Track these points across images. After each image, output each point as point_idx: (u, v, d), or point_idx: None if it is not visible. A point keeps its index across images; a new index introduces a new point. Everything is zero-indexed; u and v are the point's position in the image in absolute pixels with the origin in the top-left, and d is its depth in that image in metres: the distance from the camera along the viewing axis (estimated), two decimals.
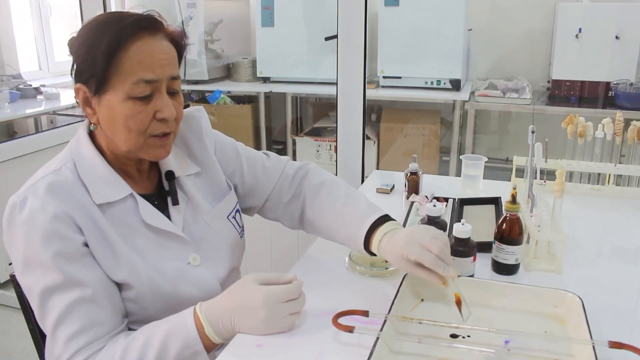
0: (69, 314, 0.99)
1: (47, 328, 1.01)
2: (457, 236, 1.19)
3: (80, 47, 1.02)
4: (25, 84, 3.74)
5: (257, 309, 0.99)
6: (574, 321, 1.03)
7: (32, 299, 1.02)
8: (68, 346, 0.99)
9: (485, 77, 3.83)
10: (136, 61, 1.00)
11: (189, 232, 1.17)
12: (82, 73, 1.03)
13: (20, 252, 1.01)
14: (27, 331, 2.51)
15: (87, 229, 1.03)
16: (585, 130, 1.70)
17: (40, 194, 1.01)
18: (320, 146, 3.88)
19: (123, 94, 1.01)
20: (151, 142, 1.07)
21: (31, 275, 1.01)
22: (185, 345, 0.99)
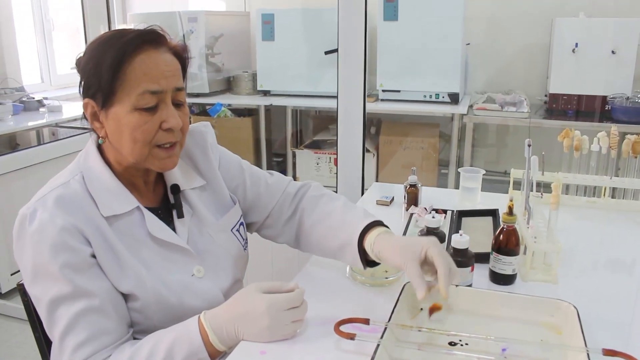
0: (76, 324, 1.02)
1: (55, 337, 1.04)
2: (455, 247, 1.21)
3: (86, 63, 1.06)
4: (28, 97, 3.78)
5: (261, 317, 1.02)
6: (570, 330, 1.05)
7: (40, 308, 1.05)
8: (75, 355, 1.01)
9: (483, 90, 3.87)
10: (141, 73, 1.03)
11: (193, 245, 1.20)
12: (90, 88, 1.06)
13: (30, 262, 1.03)
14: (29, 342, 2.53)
15: (94, 241, 1.05)
16: (581, 144, 1.73)
17: (49, 207, 1.03)
18: (320, 159, 3.91)
19: (129, 105, 1.04)
20: (157, 153, 1.09)
21: (40, 285, 1.03)
22: (190, 353, 1.01)
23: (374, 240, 1.15)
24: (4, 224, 2.88)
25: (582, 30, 3.35)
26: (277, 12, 3.94)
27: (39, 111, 3.73)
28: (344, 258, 1.24)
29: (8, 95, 3.68)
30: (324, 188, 1.39)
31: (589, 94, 3.40)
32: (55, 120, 3.68)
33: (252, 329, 1.02)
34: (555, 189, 1.32)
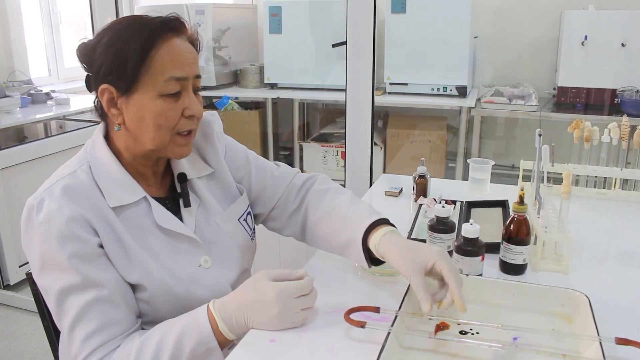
0: (85, 314, 1.01)
1: (64, 328, 1.03)
2: (465, 236, 1.21)
3: (107, 49, 1.04)
4: (35, 90, 3.78)
5: (270, 305, 1.01)
6: (581, 319, 1.04)
7: (49, 299, 1.05)
8: (84, 346, 1.01)
9: (491, 84, 3.85)
10: (167, 60, 1.04)
11: (200, 234, 1.19)
12: (110, 74, 1.04)
13: (37, 253, 1.03)
14: (37, 333, 2.55)
15: (101, 231, 1.05)
16: (592, 135, 1.71)
17: (57, 196, 1.03)
18: (327, 152, 3.90)
19: (154, 92, 1.04)
20: (177, 140, 1.10)
21: (48, 276, 1.03)
22: (200, 342, 1.01)
23: (379, 241, 1.13)
24: (12, 216, 2.89)
25: (591, 22, 3.32)
26: (285, 5, 3.92)
27: (46, 104, 3.74)
28: (349, 256, 1.22)
29: (16, 88, 3.69)
30: (330, 181, 1.38)
31: (598, 87, 3.38)
32: (63, 113, 3.69)
33: (261, 317, 1.02)
34: (566, 178, 1.31)
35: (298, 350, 1.00)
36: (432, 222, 1.34)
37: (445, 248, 1.33)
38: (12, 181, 2.89)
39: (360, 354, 0.99)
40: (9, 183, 2.87)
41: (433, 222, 1.34)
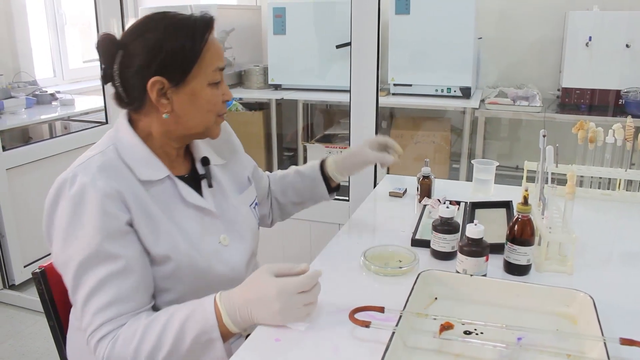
0: (101, 287, 1.05)
1: (79, 300, 1.06)
2: (470, 236, 1.21)
3: (157, 45, 1.11)
4: (40, 90, 3.80)
5: (272, 301, 1.03)
6: (585, 320, 1.04)
7: (67, 272, 1.07)
8: (95, 317, 1.04)
9: (495, 85, 3.85)
10: (214, 53, 1.15)
11: (220, 213, 1.27)
12: (164, 67, 1.11)
13: (64, 224, 1.06)
14: (42, 333, 2.56)
15: (133, 205, 1.10)
16: (596, 136, 1.71)
17: (91, 171, 1.08)
18: (331, 153, 3.89)
19: (205, 81, 1.15)
20: (218, 121, 1.22)
21: (71, 248, 1.06)
22: (203, 330, 1.03)
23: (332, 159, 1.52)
24: (17, 216, 2.91)
25: (595, 23, 3.31)
26: (289, 6, 3.93)
27: (51, 105, 3.76)
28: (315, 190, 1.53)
29: (21, 89, 3.71)
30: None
31: (603, 88, 3.37)
32: (68, 114, 3.71)
33: (264, 314, 1.04)
34: (570, 178, 1.31)
35: (303, 350, 1.01)
36: (437, 222, 1.35)
37: (450, 249, 1.33)
38: (17, 181, 2.90)
39: (364, 353, 0.99)
40: (15, 183, 2.88)
41: (437, 222, 1.34)
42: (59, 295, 1.34)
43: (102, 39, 1.13)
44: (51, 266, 1.34)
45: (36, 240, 3.05)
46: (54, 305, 1.33)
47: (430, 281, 1.17)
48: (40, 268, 1.32)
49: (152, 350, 1.03)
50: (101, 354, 1.04)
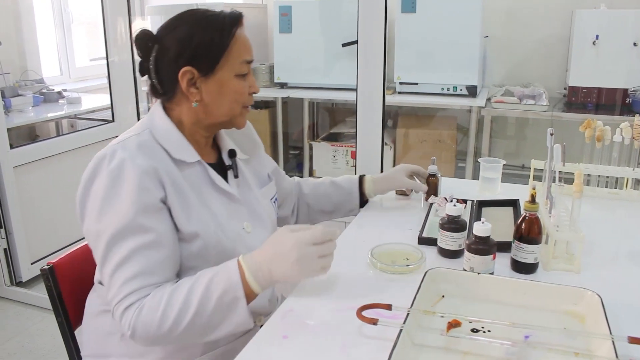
0: (130, 258, 1.08)
1: (107, 272, 1.09)
2: (477, 234, 1.21)
3: (188, 37, 1.18)
4: (47, 89, 3.81)
5: (289, 252, 1.09)
6: (593, 318, 1.04)
7: (99, 243, 1.10)
8: (122, 288, 1.07)
9: (502, 83, 3.84)
10: (242, 46, 1.21)
11: (244, 202, 1.33)
12: (193, 59, 1.18)
13: (100, 197, 1.10)
14: (49, 330, 2.57)
15: (167, 183, 1.15)
16: (603, 134, 1.71)
17: (130, 149, 1.14)
18: (336, 151, 3.90)
19: (232, 72, 1.21)
20: (243, 112, 1.27)
21: (105, 219, 1.10)
22: (227, 289, 1.07)
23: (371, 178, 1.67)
24: (25, 214, 2.92)
25: (602, 22, 3.30)
26: (295, 4, 3.93)
27: (58, 103, 3.77)
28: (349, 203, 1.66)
29: (28, 87, 3.72)
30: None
31: (610, 86, 3.36)
32: (74, 112, 3.72)
33: (283, 267, 1.09)
34: (577, 177, 1.31)
35: (310, 347, 1.01)
36: (444, 220, 1.35)
37: (457, 247, 1.33)
38: (24, 179, 2.91)
39: (372, 350, 0.99)
40: (22, 181, 2.89)
41: (444, 220, 1.34)
42: (67, 291, 1.35)
43: (139, 35, 1.20)
44: (59, 262, 1.35)
45: (43, 238, 3.06)
46: (62, 301, 1.34)
47: (438, 279, 1.17)
48: (48, 264, 1.33)
49: (179, 312, 1.06)
50: (127, 322, 1.06)
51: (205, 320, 1.07)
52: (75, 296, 1.37)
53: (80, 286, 1.38)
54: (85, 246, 1.44)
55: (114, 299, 1.08)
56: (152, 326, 1.05)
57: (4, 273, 2.90)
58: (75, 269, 1.39)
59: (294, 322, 1.09)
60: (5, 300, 2.90)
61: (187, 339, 1.09)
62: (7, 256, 2.90)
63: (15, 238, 2.88)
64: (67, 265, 1.37)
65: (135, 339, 1.07)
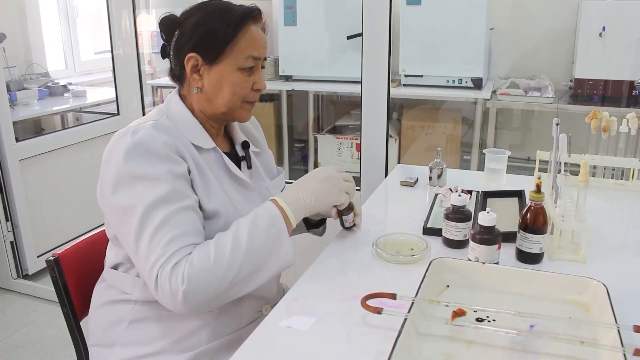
0: (170, 221, 1.08)
1: (145, 238, 1.07)
2: (482, 224, 1.21)
3: (199, 25, 1.21)
4: (53, 82, 3.82)
5: (319, 173, 1.22)
6: (599, 308, 1.04)
7: (130, 218, 1.09)
8: (166, 248, 1.05)
9: (507, 76, 3.82)
10: (249, 41, 1.22)
11: (258, 191, 1.36)
12: (199, 45, 1.20)
13: (126, 171, 1.10)
14: (56, 322, 2.59)
15: (189, 159, 1.18)
16: (609, 125, 1.70)
17: (149, 128, 1.15)
18: (341, 144, 3.90)
19: (235, 65, 1.22)
20: (244, 106, 1.28)
21: (138, 191, 1.09)
22: (271, 222, 1.12)
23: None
24: (30, 207, 2.93)
25: (609, 13, 3.27)
26: None
27: (63, 96, 3.78)
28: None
29: (34, 81, 3.74)
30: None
31: (616, 79, 3.33)
32: (80, 105, 3.73)
33: (312, 186, 1.19)
34: (583, 166, 1.30)
35: (315, 336, 1.01)
36: (449, 210, 1.34)
37: (462, 237, 1.33)
38: (30, 172, 2.92)
39: (376, 340, 0.99)
40: (27, 174, 2.90)
41: (449, 210, 1.34)
42: (73, 282, 1.36)
43: (164, 19, 1.24)
44: (65, 254, 1.36)
45: (49, 230, 3.08)
46: (68, 292, 1.35)
47: (442, 269, 1.17)
48: (54, 256, 1.33)
49: (231, 253, 1.07)
50: (180, 277, 1.03)
51: (255, 259, 1.09)
52: (81, 287, 1.38)
53: (85, 277, 1.39)
54: (91, 238, 1.45)
55: (157, 262, 1.04)
56: (207, 273, 1.04)
57: (11, 266, 2.92)
58: (80, 261, 1.40)
59: (298, 312, 1.09)
60: (12, 292, 2.92)
61: (240, 284, 1.08)
62: (14, 249, 2.92)
63: (21, 231, 2.89)
64: (72, 256, 1.38)
65: (191, 294, 1.03)
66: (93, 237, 1.46)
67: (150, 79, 4.46)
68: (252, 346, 1.00)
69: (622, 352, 0.87)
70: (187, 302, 1.03)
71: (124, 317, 1.23)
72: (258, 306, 1.31)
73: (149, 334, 1.21)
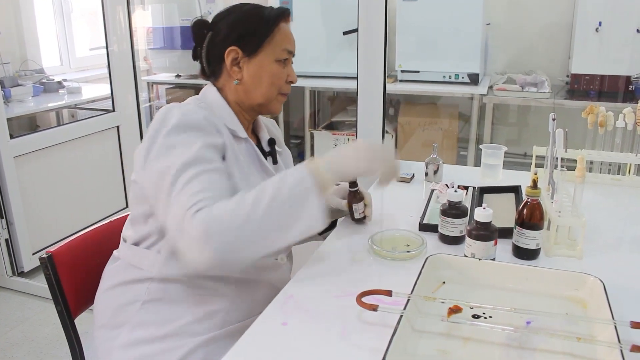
0: (198, 178, 1.10)
1: (175, 190, 1.09)
2: (478, 220, 1.20)
3: (237, 22, 1.31)
4: (47, 79, 3.80)
5: (361, 142, 1.21)
6: (596, 304, 1.03)
7: (163, 180, 1.11)
8: (192, 198, 1.07)
9: (504, 71, 3.82)
10: (284, 36, 1.33)
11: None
12: (239, 40, 1.29)
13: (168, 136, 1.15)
14: (51, 319, 2.57)
15: (226, 137, 1.24)
16: (606, 120, 1.69)
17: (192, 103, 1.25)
18: (338, 140, 3.89)
19: (273, 57, 1.31)
20: (279, 98, 1.36)
21: (174, 154, 1.13)
22: (299, 180, 1.11)
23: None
24: (25, 204, 2.92)
25: (606, 8, 3.27)
26: None
27: (58, 93, 3.76)
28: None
29: (28, 77, 3.71)
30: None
31: (612, 74, 3.33)
32: (75, 102, 3.71)
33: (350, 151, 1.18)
34: (580, 161, 1.29)
35: (310, 334, 1.01)
36: (445, 206, 1.34)
37: (458, 233, 1.33)
38: (25, 169, 2.91)
39: (372, 337, 0.99)
40: (22, 171, 2.89)
41: (445, 206, 1.33)
42: (67, 280, 1.35)
43: (196, 23, 1.34)
44: (59, 251, 1.35)
45: (44, 228, 3.06)
46: (62, 290, 1.34)
47: (439, 265, 1.16)
48: (47, 253, 1.32)
49: (254, 202, 1.07)
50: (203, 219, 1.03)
51: (279, 213, 1.07)
52: (75, 285, 1.37)
53: (80, 275, 1.38)
54: (85, 235, 1.44)
55: (184, 207, 1.05)
56: (226, 216, 1.04)
57: (6, 263, 2.91)
58: (75, 258, 1.39)
59: (293, 309, 1.08)
60: (7, 290, 2.91)
61: (261, 237, 1.07)
62: (9, 246, 2.90)
63: (16, 228, 2.87)
64: (66, 254, 1.37)
65: (212, 237, 1.02)
66: (87, 234, 1.45)
67: (146, 75, 4.44)
68: (248, 343, 0.99)
69: (619, 348, 0.86)
70: (207, 245, 1.02)
71: (138, 297, 1.23)
72: (271, 295, 1.31)
73: (162, 316, 1.22)
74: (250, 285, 1.28)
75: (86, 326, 1.41)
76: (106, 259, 1.35)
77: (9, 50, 3.76)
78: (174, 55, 4.18)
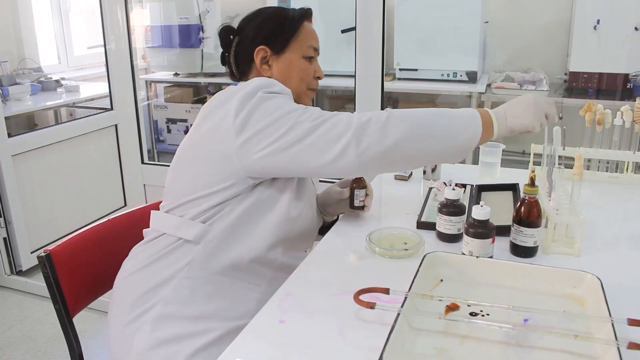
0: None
1: (325, 115, 1.20)
2: (476, 218, 1.20)
3: (264, 23, 1.37)
4: (45, 77, 3.80)
5: (528, 98, 1.26)
6: (593, 301, 1.03)
7: (289, 118, 1.19)
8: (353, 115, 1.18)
9: (502, 69, 3.82)
10: (309, 33, 1.40)
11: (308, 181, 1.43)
12: (269, 38, 1.36)
13: (262, 94, 1.23)
14: (49, 318, 2.57)
15: None
16: (604, 118, 1.69)
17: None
18: None
19: (300, 53, 1.37)
20: (307, 93, 1.42)
21: (281, 101, 1.23)
22: (468, 112, 1.21)
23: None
24: (24, 203, 2.92)
25: (604, 6, 3.27)
26: None
27: (56, 91, 3.76)
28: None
29: (26, 76, 3.71)
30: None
31: (611, 72, 3.33)
32: (73, 100, 3.71)
33: (519, 105, 1.25)
34: (578, 159, 1.29)
35: (307, 332, 1.01)
36: (442, 204, 1.34)
37: (456, 231, 1.33)
38: (23, 168, 2.91)
39: (369, 335, 0.99)
40: (20, 170, 2.89)
41: (443, 204, 1.33)
42: (65, 278, 1.35)
43: (223, 29, 1.40)
44: (57, 250, 1.35)
45: (43, 226, 3.06)
46: (60, 288, 1.34)
47: (436, 263, 1.16)
48: (45, 252, 1.32)
49: (425, 110, 1.20)
50: (382, 112, 1.17)
51: (447, 120, 1.19)
52: (74, 283, 1.37)
53: (78, 273, 1.38)
54: (83, 233, 1.44)
55: (355, 115, 1.17)
56: (405, 112, 1.17)
57: (4, 262, 2.91)
58: (73, 257, 1.39)
59: (291, 307, 1.08)
60: (5, 289, 2.91)
61: (432, 132, 1.17)
62: (7, 245, 2.90)
63: (14, 227, 2.87)
64: (64, 252, 1.37)
65: (398, 122, 1.14)
66: (86, 233, 1.45)
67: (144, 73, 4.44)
68: (245, 341, 0.99)
69: (616, 345, 0.86)
70: (395, 127, 1.14)
71: (174, 275, 1.23)
72: None
73: (196, 296, 1.22)
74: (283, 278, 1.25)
75: (85, 325, 1.41)
76: (105, 257, 1.35)
77: (6, 49, 3.76)
78: (172, 53, 4.17)
